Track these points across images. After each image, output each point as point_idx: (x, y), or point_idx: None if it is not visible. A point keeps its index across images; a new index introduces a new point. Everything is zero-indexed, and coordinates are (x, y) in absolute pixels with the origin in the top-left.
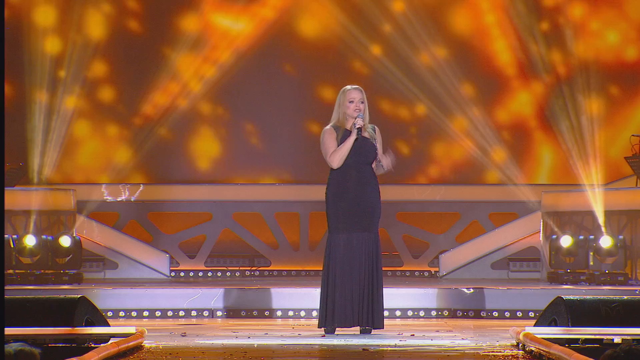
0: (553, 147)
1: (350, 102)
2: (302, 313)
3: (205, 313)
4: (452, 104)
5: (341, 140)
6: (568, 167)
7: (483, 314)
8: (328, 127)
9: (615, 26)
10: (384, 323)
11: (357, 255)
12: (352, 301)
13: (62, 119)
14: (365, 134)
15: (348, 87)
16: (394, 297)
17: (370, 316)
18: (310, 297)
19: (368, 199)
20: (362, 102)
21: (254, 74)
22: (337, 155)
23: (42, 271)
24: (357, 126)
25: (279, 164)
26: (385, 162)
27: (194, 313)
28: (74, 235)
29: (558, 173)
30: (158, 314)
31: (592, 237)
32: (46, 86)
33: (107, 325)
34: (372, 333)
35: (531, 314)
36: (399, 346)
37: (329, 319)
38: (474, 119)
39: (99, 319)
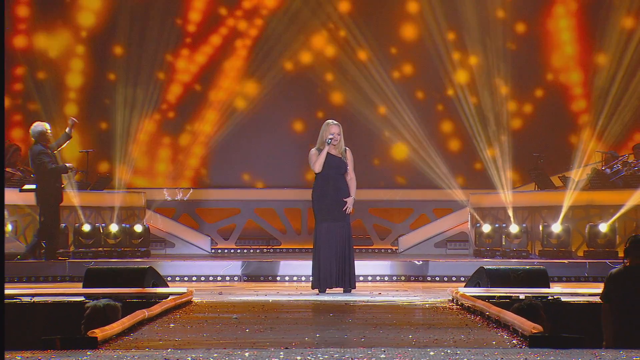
0: (479, 162)
1: (330, 134)
2: (303, 278)
3: (235, 278)
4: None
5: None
6: (488, 176)
7: (429, 278)
8: (313, 149)
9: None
10: (357, 285)
11: (334, 238)
12: (332, 269)
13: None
14: (338, 154)
15: (330, 122)
16: (366, 267)
17: (347, 279)
18: (308, 267)
19: (342, 199)
20: (339, 135)
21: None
22: (317, 163)
23: (122, 249)
24: (327, 141)
25: (287, 174)
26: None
27: (227, 278)
28: (144, 224)
29: (482, 180)
30: (202, 278)
31: (504, 225)
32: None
33: (167, 286)
34: (351, 292)
35: (462, 279)
36: (370, 301)
37: (317, 282)
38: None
39: (162, 282)
